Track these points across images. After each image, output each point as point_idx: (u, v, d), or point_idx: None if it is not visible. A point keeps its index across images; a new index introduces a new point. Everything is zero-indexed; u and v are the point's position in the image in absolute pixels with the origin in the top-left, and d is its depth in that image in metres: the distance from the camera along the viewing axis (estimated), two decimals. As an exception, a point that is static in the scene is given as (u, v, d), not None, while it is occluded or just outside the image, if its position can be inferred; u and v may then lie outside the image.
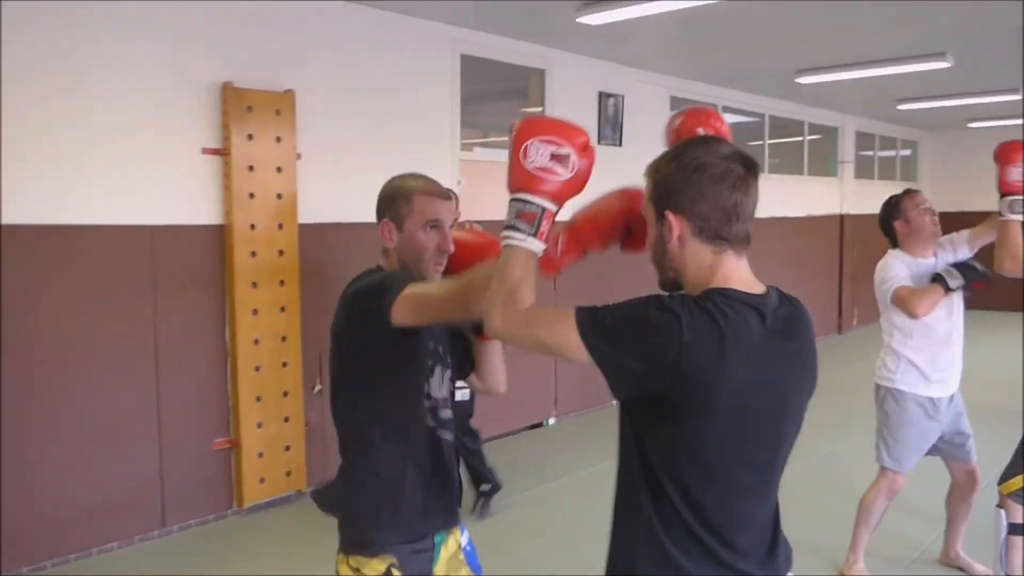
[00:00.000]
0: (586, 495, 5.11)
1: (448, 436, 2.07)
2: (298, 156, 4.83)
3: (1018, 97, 8.99)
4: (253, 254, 4.64)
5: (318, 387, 5.00)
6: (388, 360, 1.92)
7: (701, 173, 1.47)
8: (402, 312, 1.80)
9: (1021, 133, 11.90)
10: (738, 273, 1.51)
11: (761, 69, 7.56)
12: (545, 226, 1.52)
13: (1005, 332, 10.82)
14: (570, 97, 6.84)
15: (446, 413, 2.07)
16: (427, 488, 1.99)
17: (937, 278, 3.48)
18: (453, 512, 2.10)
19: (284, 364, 4.81)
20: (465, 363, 2.20)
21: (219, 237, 4.62)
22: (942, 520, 4.04)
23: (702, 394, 1.40)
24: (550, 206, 1.52)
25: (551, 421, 6.87)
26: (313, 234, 4.98)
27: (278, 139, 4.70)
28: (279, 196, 4.73)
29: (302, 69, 4.95)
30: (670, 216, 1.50)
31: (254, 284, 4.65)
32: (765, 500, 1.55)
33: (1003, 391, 7.17)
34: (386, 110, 5.47)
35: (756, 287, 1.52)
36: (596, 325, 1.42)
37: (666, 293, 1.52)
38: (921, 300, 3.43)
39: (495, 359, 2.19)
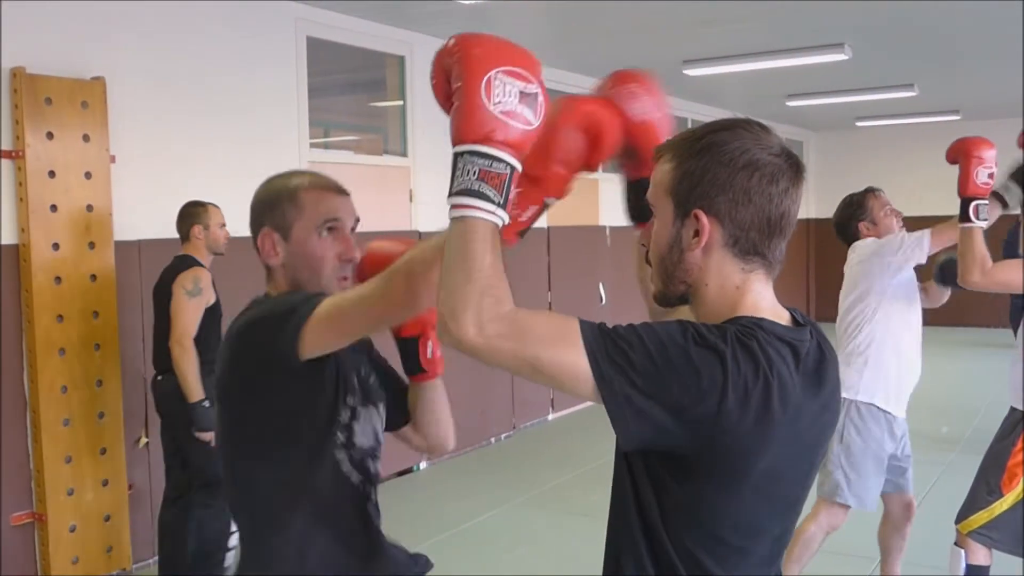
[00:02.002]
0: (472, 552, 4.95)
1: (375, 494, 1.86)
2: (112, 159, 4.59)
3: (913, 93, 9.48)
4: (58, 280, 4.37)
5: (144, 440, 4.74)
6: (293, 408, 1.69)
7: (750, 171, 1.33)
8: (316, 338, 1.57)
9: (913, 131, 12.63)
10: (766, 299, 1.39)
11: (646, 60, 7.63)
12: (514, 192, 1.30)
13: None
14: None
15: (376, 466, 1.86)
16: (362, 570, 1.79)
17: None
18: None
19: (101, 415, 4.53)
20: (396, 413, 1.98)
21: (13, 260, 4.32)
22: (869, 560, 4.09)
23: (734, 460, 1.28)
24: (518, 164, 1.29)
25: (423, 465, 6.73)
26: (133, 254, 4.76)
27: (86, 138, 4.47)
28: (89, 208, 4.48)
29: (115, 51, 4.69)
30: (702, 217, 1.34)
31: (60, 317, 4.38)
32: (774, 565, 1.46)
33: (923, 414, 7.47)
34: (219, 102, 5.27)
35: (783, 316, 1.40)
36: (613, 352, 1.24)
37: (663, 310, 1.38)
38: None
39: (439, 403, 1.97)
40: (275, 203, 1.80)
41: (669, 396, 1.23)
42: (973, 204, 3.13)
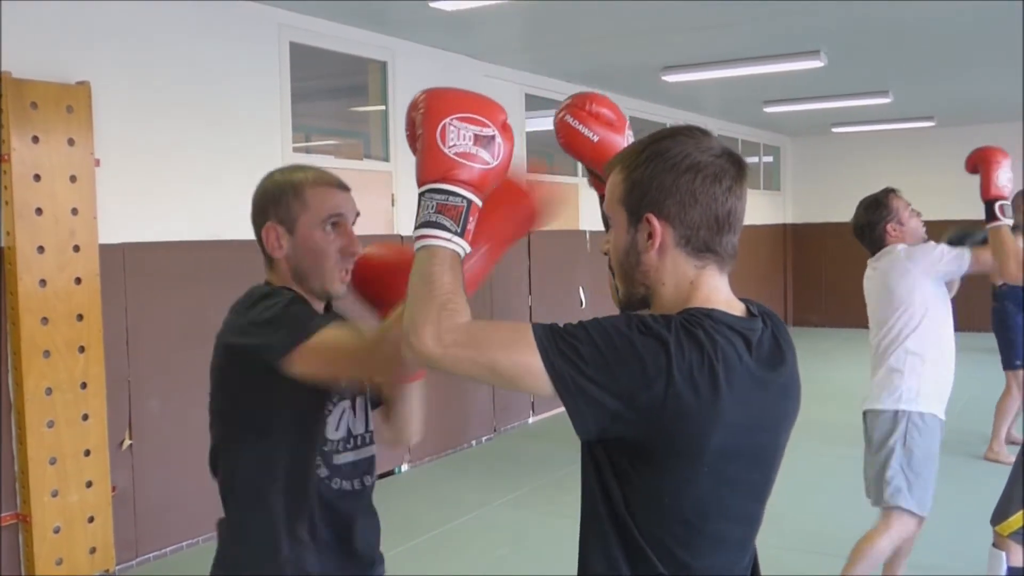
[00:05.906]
0: (454, 554, 5.01)
1: (347, 485, 1.91)
2: (97, 162, 4.58)
3: (888, 100, 9.61)
4: (43, 283, 4.36)
5: (127, 442, 4.74)
6: (275, 401, 1.76)
7: (693, 174, 1.42)
8: (305, 367, 1.66)
9: (887, 137, 12.79)
10: (720, 292, 1.47)
11: (625, 66, 7.74)
12: (472, 223, 1.42)
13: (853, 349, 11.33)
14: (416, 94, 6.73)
15: (344, 457, 1.90)
16: (319, 555, 1.86)
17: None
18: None
19: (85, 417, 4.52)
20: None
21: (-3, 263, 4.31)
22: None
23: (687, 442, 1.35)
24: (476, 199, 1.43)
25: (404, 468, 6.75)
26: (118, 257, 4.75)
27: (71, 142, 4.46)
28: (74, 211, 4.47)
29: (100, 56, 4.69)
30: (654, 221, 1.43)
31: (44, 320, 4.37)
32: (747, 552, 1.52)
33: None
34: (204, 107, 5.29)
35: (737, 307, 1.48)
36: (564, 347, 1.32)
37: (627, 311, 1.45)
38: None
39: (413, 400, 2.03)
40: (280, 198, 1.85)
41: (618, 384, 1.31)
42: (997, 204, 3.34)
